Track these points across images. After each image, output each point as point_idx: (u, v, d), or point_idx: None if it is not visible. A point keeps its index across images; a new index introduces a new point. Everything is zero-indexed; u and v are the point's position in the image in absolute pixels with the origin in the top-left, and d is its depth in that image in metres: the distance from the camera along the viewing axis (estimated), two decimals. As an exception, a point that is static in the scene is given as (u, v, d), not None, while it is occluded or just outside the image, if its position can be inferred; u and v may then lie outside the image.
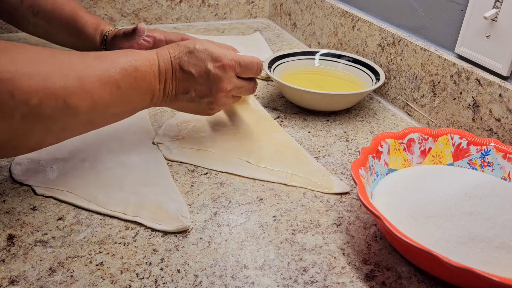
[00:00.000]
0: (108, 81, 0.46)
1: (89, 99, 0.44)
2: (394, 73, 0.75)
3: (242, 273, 0.42)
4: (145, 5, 1.06)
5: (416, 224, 0.43)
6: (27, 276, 0.41)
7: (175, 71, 0.53)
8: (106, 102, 0.47)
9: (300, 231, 0.48)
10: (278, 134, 0.65)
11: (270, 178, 0.56)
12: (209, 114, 0.59)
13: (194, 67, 0.53)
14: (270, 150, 0.60)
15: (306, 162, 0.59)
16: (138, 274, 0.41)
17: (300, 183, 0.55)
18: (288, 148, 0.61)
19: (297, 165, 0.58)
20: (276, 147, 0.61)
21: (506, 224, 0.41)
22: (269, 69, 0.73)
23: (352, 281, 0.42)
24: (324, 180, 0.55)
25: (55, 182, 0.52)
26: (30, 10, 0.77)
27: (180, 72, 0.53)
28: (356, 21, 0.83)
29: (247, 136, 0.63)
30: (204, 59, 0.53)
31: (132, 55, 0.50)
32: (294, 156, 0.60)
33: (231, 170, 0.56)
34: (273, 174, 0.56)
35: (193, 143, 0.61)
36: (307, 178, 0.56)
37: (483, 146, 0.53)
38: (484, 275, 0.34)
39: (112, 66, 0.47)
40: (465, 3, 0.63)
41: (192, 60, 0.53)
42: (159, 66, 0.52)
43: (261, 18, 1.19)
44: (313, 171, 0.57)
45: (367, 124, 0.70)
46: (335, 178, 0.56)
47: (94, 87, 0.45)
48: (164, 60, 0.52)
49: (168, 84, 0.53)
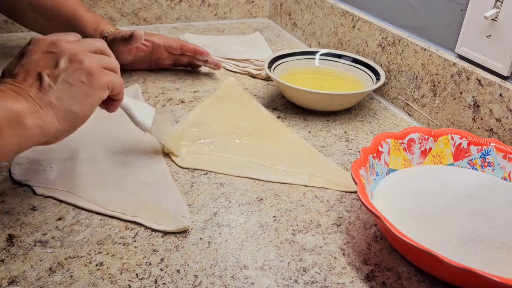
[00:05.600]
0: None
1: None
2: (394, 73, 0.75)
3: (242, 274, 0.42)
4: (145, 4, 1.06)
5: (416, 224, 0.43)
6: (27, 276, 0.41)
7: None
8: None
9: (300, 231, 0.47)
10: (287, 134, 0.64)
11: (290, 180, 0.55)
12: (103, 92, 0.46)
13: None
14: (284, 151, 0.60)
15: (321, 162, 0.58)
16: (138, 275, 0.41)
17: (320, 183, 0.55)
18: (301, 148, 0.61)
19: (314, 165, 0.57)
20: (289, 148, 0.61)
21: (506, 225, 0.41)
22: (269, 69, 0.73)
23: (352, 281, 0.42)
24: (343, 179, 0.55)
25: (55, 182, 0.52)
26: (29, 7, 0.77)
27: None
28: (356, 21, 0.82)
29: (258, 138, 0.63)
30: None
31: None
32: (309, 156, 0.59)
33: (249, 174, 0.55)
34: (292, 175, 0.56)
35: (204, 148, 0.60)
36: (326, 177, 0.55)
37: (483, 146, 0.53)
38: (485, 275, 0.34)
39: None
40: (466, 3, 0.62)
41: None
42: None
43: (261, 18, 1.19)
44: (330, 170, 0.57)
45: (368, 124, 0.70)
46: None
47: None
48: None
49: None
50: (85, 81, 0.45)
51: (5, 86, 0.43)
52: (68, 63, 0.44)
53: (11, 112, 0.40)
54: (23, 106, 0.41)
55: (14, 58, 0.46)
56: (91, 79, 0.45)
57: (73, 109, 0.44)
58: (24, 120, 0.41)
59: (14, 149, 0.41)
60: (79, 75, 0.44)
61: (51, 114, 0.43)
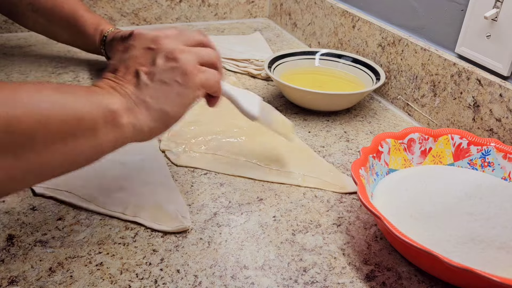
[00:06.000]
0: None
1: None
2: (394, 73, 0.75)
3: (242, 274, 0.42)
4: (145, 4, 1.05)
5: (416, 224, 0.43)
6: (27, 276, 0.41)
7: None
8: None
9: (300, 231, 0.47)
10: None
11: (283, 180, 0.55)
12: (197, 91, 0.45)
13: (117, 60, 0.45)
14: (279, 151, 0.60)
15: (316, 162, 0.58)
16: (137, 275, 0.41)
17: (314, 184, 0.55)
18: (297, 148, 0.61)
19: (308, 166, 0.57)
20: (284, 148, 0.61)
21: (506, 225, 0.41)
22: (269, 69, 0.73)
23: (352, 281, 0.42)
24: (337, 180, 0.55)
25: (55, 182, 0.52)
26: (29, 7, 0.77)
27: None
28: (356, 21, 0.82)
29: (254, 137, 0.63)
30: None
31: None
32: (304, 156, 0.59)
33: (242, 173, 0.56)
34: (286, 176, 0.56)
35: (200, 147, 0.60)
36: (320, 178, 0.55)
37: (483, 146, 0.53)
38: (485, 275, 0.34)
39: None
40: (466, 3, 0.62)
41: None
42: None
43: (261, 18, 1.19)
44: (324, 171, 0.57)
45: (367, 124, 0.70)
46: (347, 177, 0.55)
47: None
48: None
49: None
50: (180, 80, 0.43)
51: (105, 81, 0.43)
52: (165, 61, 0.43)
53: (108, 110, 0.40)
54: (120, 104, 0.41)
55: (118, 51, 0.46)
56: (186, 79, 0.43)
57: (166, 109, 0.43)
58: (120, 118, 0.40)
59: (110, 147, 0.41)
60: (175, 74, 0.43)
61: (145, 113, 0.42)
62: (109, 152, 0.42)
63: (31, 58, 0.86)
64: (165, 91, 0.43)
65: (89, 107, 0.39)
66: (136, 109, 0.42)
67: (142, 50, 0.44)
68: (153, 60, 0.43)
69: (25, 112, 0.34)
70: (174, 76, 0.43)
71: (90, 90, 0.41)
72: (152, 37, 0.45)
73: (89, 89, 0.41)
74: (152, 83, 0.43)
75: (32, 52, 0.89)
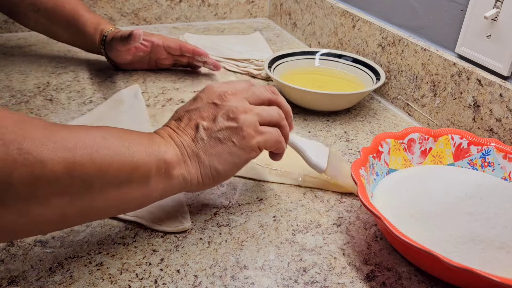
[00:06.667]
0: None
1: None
2: (394, 73, 0.75)
3: (242, 274, 0.42)
4: (145, 4, 1.06)
5: (416, 224, 0.43)
6: (27, 276, 0.41)
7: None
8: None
9: (300, 232, 0.47)
10: None
11: (283, 180, 0.55)
12: (252, 153, 0.45)
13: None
14: None
15: None
16: (137, 275, 0.41)
17: (314, 184, 0.55)
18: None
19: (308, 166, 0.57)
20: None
21: (506, 225, 0.41)
22: (269, 69, 0.73)
23: (352, 281, 0.42)
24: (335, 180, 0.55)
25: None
26: (31, 7, 0.77)
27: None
28: (357, 20, 0.82)
29: None
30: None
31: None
32: None
33: (242, 173, 0.55)
34: (286, 176, 0.56)
35: None
36: (319, 178, 0.55)
37: (483, 146, 0.53)
38: (485, 275, 0.34)
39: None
40: (466, 3, 0.62)
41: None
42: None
43: (261, 18, 1.19)
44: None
45: (368, 124, 0.70)
46: None
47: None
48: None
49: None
50: (235, 141, 0.43)
51: (166, 130, 0.44)
52: (225, 119, 0.44)
53: (162, 161, 0.40)
54: (174, 156, 0.41)
55: (191, 99, 0.47)
56: (242, 141, 0.43)
57: (217, 167, 0.43)
58: (173, 169, 0.41)
59: (158, 196, 0.42)
60: (231, 134, 0.43)
61: (196, 167, 0.42)
62: (155, 201, 0.42)
63: (31, 58, 0.86)
64: (219, 149, 0.43)
65: (146, 157, 0.39)
66: (188, 162, 0.42)
67: (207, 104, 0.45)
68: (215, 117, 0.44)
69: (89, 159, 0.35)
70: (231, 136, 0.43)
71: (151, 139, 0.41)
72: (220, 92, 0.46)
73: (151, 138, 0.42)
74: (208, 139, 0.43)
75: (32, 52, 0.89)
